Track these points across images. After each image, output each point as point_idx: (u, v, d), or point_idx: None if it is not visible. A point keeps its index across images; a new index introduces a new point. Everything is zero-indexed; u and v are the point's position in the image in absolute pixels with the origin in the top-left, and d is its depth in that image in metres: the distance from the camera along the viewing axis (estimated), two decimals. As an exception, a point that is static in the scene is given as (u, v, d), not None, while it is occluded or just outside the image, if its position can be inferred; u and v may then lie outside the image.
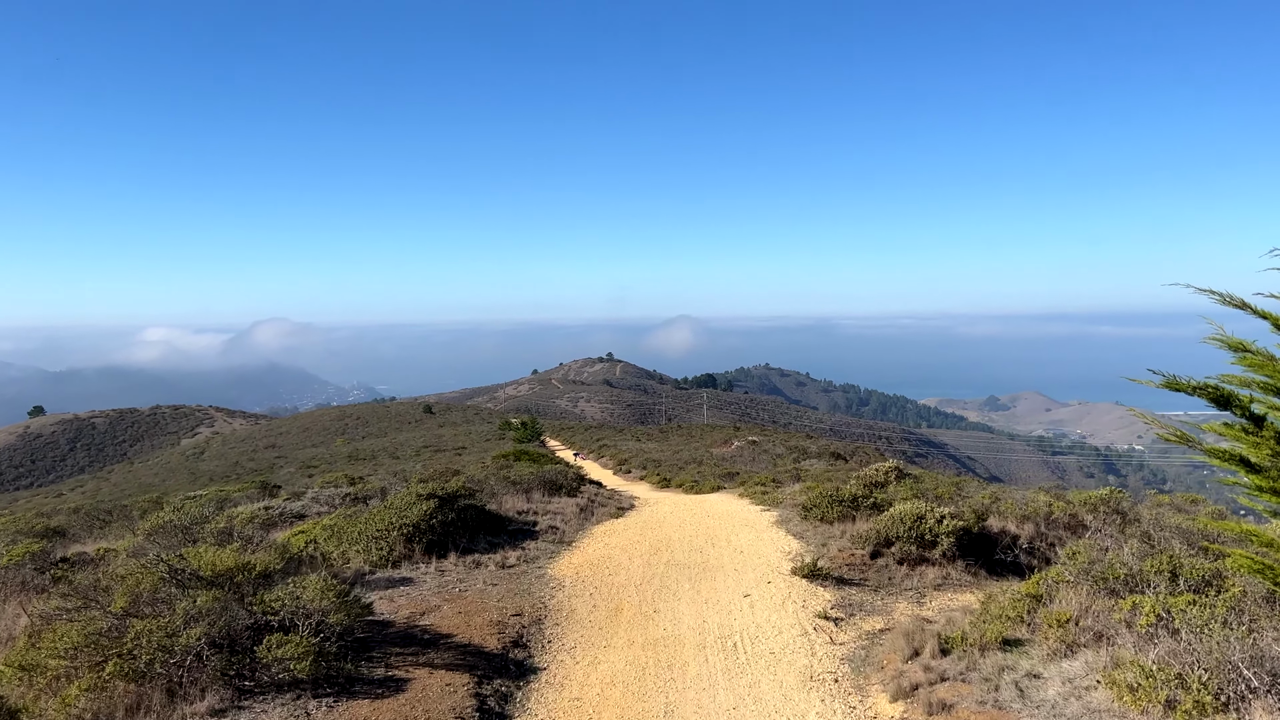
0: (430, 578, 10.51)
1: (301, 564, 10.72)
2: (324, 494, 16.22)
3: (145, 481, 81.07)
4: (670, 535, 13.87)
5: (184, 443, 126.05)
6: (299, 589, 7.49)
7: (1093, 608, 7.87)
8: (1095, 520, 12.22)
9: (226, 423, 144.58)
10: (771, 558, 12.05)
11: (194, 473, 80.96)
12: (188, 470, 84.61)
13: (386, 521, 11.20)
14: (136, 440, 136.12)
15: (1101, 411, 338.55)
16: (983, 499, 14.15)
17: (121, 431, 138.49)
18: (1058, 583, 8.73)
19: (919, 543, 11.53)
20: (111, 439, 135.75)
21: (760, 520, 15.75)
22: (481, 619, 9.00)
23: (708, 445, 64.54)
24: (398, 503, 11.90)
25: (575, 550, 12.59)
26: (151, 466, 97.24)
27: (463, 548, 11.70)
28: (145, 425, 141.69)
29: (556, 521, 14.84)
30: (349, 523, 11.71)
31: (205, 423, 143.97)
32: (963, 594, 11.05)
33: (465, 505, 12.65)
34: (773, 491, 24.37)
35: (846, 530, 12.92)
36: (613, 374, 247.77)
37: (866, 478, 16.15)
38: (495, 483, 17.64)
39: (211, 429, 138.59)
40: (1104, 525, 11.96)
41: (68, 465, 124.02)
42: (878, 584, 11.10)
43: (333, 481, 22.50)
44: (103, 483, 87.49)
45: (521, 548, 12.37)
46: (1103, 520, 12.04)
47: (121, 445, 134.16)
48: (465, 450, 66.57)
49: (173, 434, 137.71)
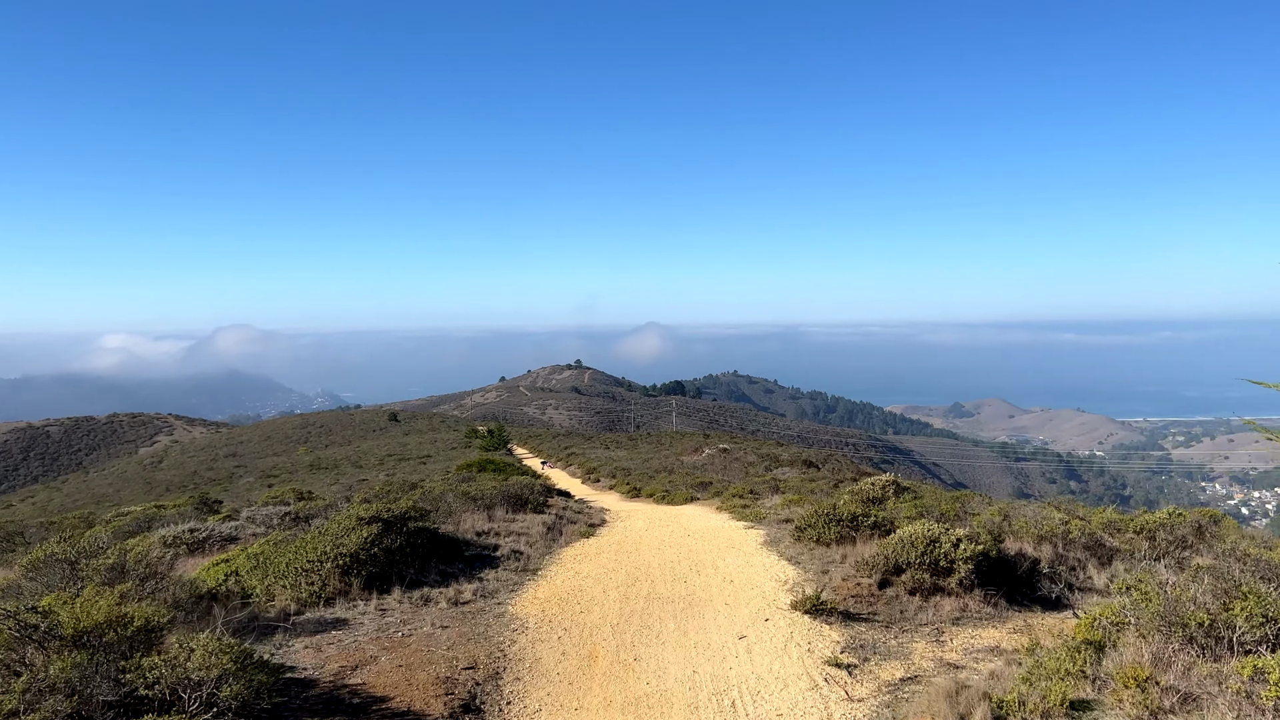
0: (369, 619, 8.88)
1: (215, 603, 9.06)
2: (261, 513, 14.47)
3: (99, 492, 78.24)
4: (649, 560, 12.31)
5: (142, 451, 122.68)
6: (186, 650, 5.85)
7: (1168, 659, 6.51)
8: (1149, 548, 10.88)
9: (186, 431, 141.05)
10: (766, 588, 10.54)
11: (150, 483, 78.32)
12: (144, 480, 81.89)
13: (319, 551, 9.54)
14: (93, 449, 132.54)
15: (1063, 418, 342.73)
16: (992, 516, 12.79)
17: (77, 440, 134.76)
18: (1116, 625, 7.34)
19: (933, 570, 10.12)
20: (67, 448, 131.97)
21: (746, 540, 14.26)
22: (427, 674, 7.40)
23: (678, 453, 63.20)
24: (334, 528, 10.22)
25: (541, 580, 10.99)
26: (107, 476, 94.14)
27: (410, 580, 10.04)
28: (102, 434, 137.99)
29: (520, 544, 13.22)
30: (278, 551, 10.04)
31: (164, 431, 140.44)
32: (985, 629, 9.66)
33: (415, 529, 11.02)
34: (753, 505, 22.93)
35: (847, 554, 11.47)
36: (581, 381, 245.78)
37: (863, 493, 14.73)
38: (453, 499, 15.98)
39: (171, 437, 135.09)
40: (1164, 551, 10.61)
41: (20, 475, 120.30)
42: (889, 619, 9.66)
43: (278, 497, 20.68)
44: (54, 493, 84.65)
45: (479, 578, 10.72)
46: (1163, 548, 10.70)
47: (77, 454, 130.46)
48: (430, 459, 64.67)
49: (131, 443, 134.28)
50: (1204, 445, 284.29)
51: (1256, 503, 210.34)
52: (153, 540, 14.43)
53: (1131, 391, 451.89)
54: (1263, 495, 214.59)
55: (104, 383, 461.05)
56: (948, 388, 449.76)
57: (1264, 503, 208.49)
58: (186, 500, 21.73)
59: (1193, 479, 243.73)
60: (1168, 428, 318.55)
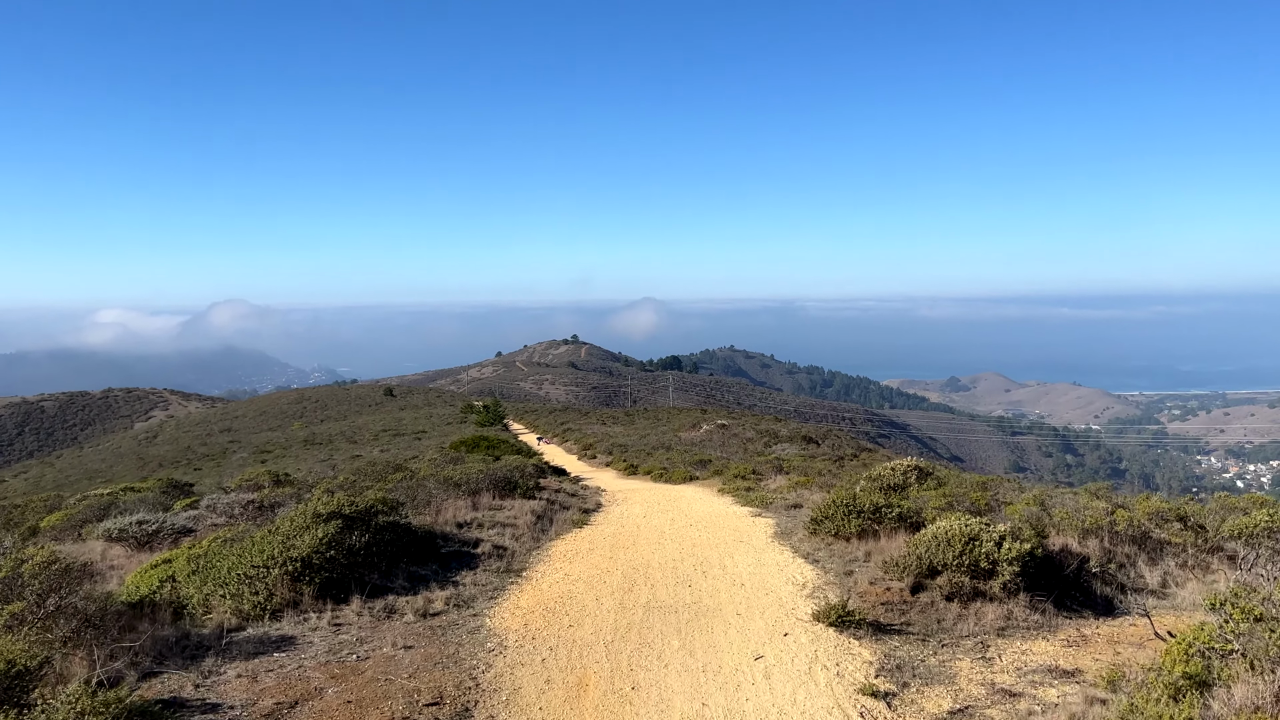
0: (320, 637, 7.57)
1: (141, 618, 7.75)
2: (222, 501, 13.13)
3: (92, 467, 77.18)
4: (648, 557, 11.00)
5: (137, 426, 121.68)
6: (51, 705, 4.53)
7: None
8: (1247, 551, 9.58)
9: (182, 406, 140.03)
10: (782, 593, 9.23)
11: (143, 458, 77.30)
12: (137, 455, 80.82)
13: (266, 554, 8.22)
14: (88, 424, 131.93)
15: (1059, 392, 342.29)
16: (1028, 506, 11.49)
17: (72, 415, 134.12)
18: (1219, 652, 6.06)
19: (973, 572, 8.84)
20: (61, 423, 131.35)
21: (755, 531, 12.96)
22: (381, 712, 6.10)
23: (675, 429, 62.03)
24: (286, 526, 8.88)
25: (526, 584, 9.65)
26: (101, 451, 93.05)
27: (373, 587, 8.70)
28: (97, 409, 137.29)
29: (505, 537, 11.89)
30: (222, 553, 8.72)
31: (159, 406, 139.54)
32: (1035, 641, 8.39)
33: (384, 524, 9.70)
34: (757, 487, 21.69)
35: (871, 551, 10.17)
36: (578, 356, 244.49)
37: (882, 479, 13.41)
38: (434, 485, 14.64)
39: (166, 412, 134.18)
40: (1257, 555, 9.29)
41: (15, 450, 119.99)
42: (925, 630, 8.39)
43: (251, 480, 19.36)
44: (48, 468, 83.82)
45: (454, 582, 9.39)
46: (1266, 553, 9.39)
47: (72, 429, 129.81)
48: (425, 434, 63.52)
49: (126, 418, 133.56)
50: (1200, 419, 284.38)
51: (1251, 475, 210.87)
52: (106, 529, 13.14)
53: (1127, 365, 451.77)
54: (1258, 468, 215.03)
55: (99, 358, 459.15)
56: (944, 362, 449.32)
57: (1259, 476, 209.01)
58: (155, 483, 20.41)
59: (1188, 452, 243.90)
60: (1163, 401, 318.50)
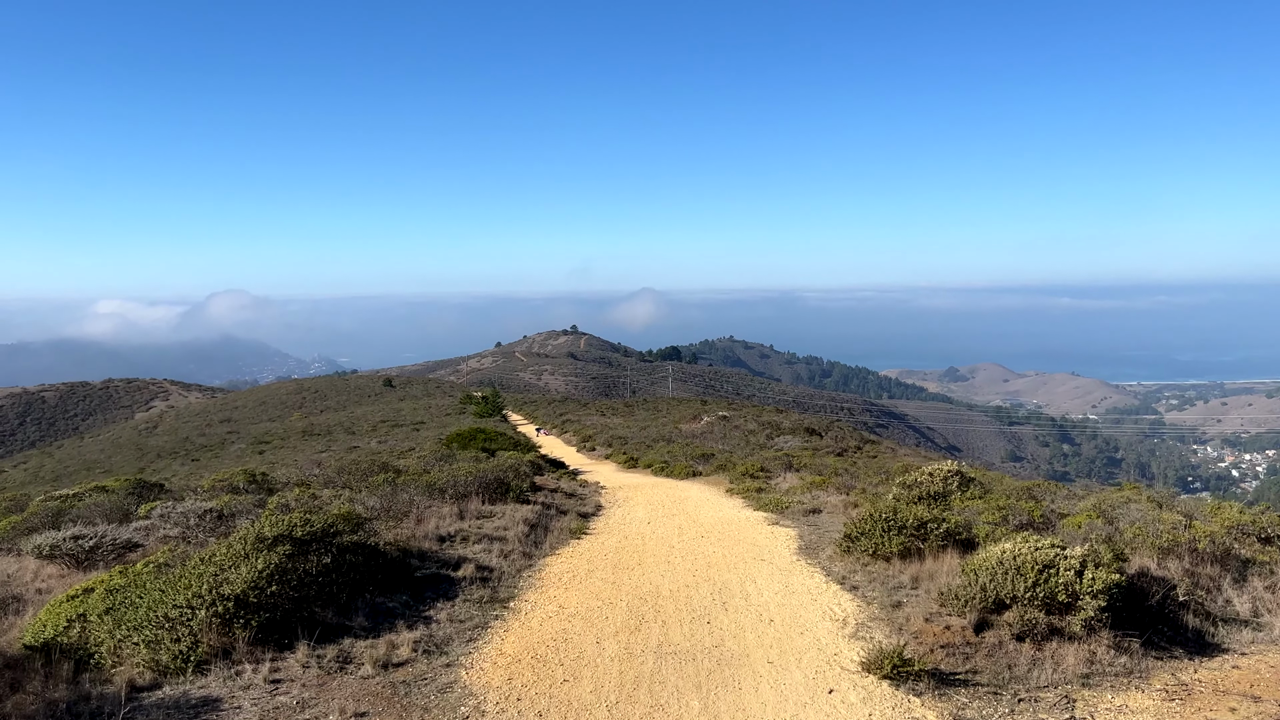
0: (252, 698, 6.04)
1: (32, 672, 6.25)
2: (176, 510, 11.58)
3: (90, 458, 76.15)
4: (656, 582, 9.44)
5: (138, 417, 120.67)
6: None
7: None
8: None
9: (182, 396, 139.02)
10: (820, 631, 7.69)
11: (142, 449, 76.31)
12: (136, 446, 79.76)
13: (193, 590, 6.70)
14: (88, 414, 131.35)
15: (1057, 382, 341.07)
16: (1088, 517, 9.99)
17: (73, 405, 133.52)
18: None
19: (1048, 606, 7.36)
20: (62, 413, 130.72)
21: (775, 545, 11.43)
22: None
23: (675, 421, 60.65)
24: (222, 553, 7.33)
25: (513, 620, 8.05)
26: (100, 442, 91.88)
27: (326, 627, 7.12)
28: (97, 399, 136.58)
29: (492, 554, 10.36)
30: (147, 584, 7.21)
31: (160, 396, 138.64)
32: (1129, 693, 6.91)
33: (348, 544, 8.19)
34: (768, 488, 20.17)
35: (917, 576, 8.66)
36: (577, 347, 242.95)
37: (920, 486, 11.85)
38: (415, 491, 13.11)
39: (166, 403, 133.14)
40: None
41: (17, 440, 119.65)
42: (996, 680, 6.90)
43: (225, 480, 17.83)
44: (47, 458, 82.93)
45: (427, 618, 7.82)
46: None
47: (73, 419, 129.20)
48: (424, 425, 62.20)
49: (126, 408, 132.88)
50: (1197, 409, 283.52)
51: (1247, 465, 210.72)
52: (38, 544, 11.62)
53: (1125, 355, 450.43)
54: (1254, 458, 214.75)
55: (99, 349, 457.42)
56: (942, 352, 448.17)
57: (1255, 465, 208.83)
58: (123, 482, 18.85)
59: (1185, 442, 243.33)
60: (1161, 391, 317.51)
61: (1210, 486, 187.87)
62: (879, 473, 22.07)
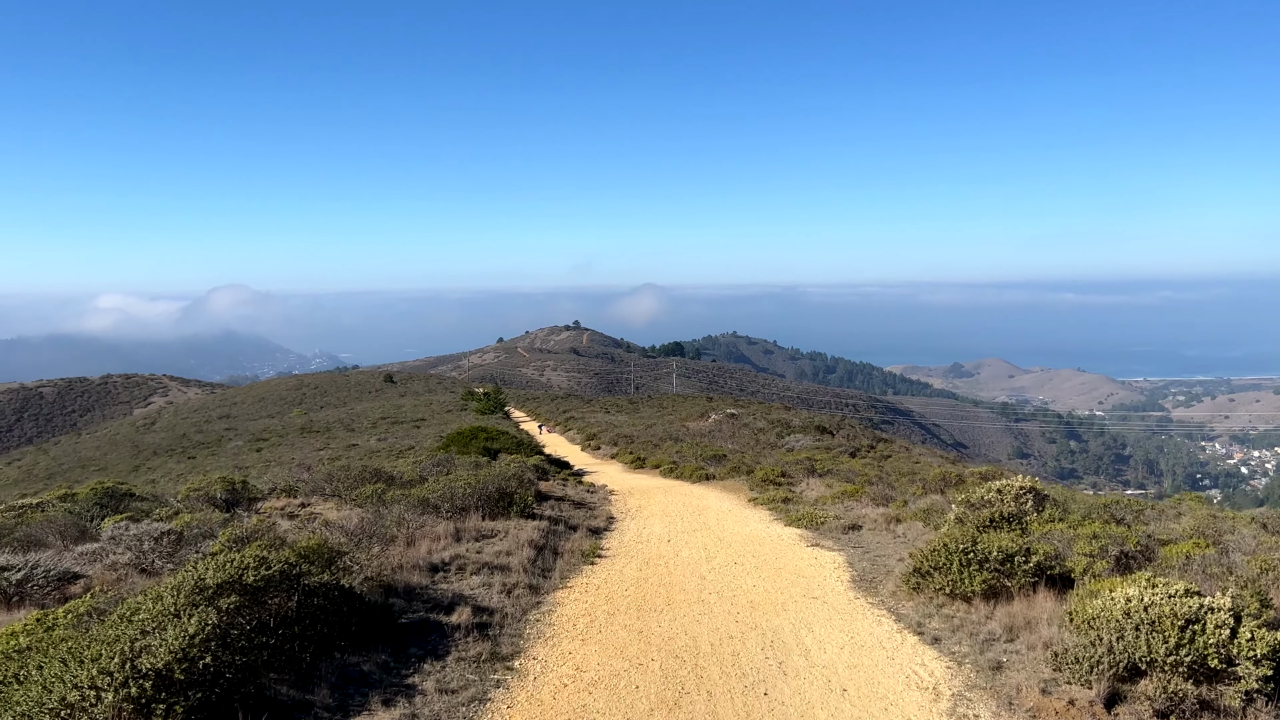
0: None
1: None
2: (129, 533, 10.14)
3: (86, 455, 75.02)
4: (692, 629, 7.86)
5: (136, 413, 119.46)
6: None
7: None
8: None
9: (181, 392, 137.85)
10: (908, 707, 6.08)
11: (139, 445, 75.16)
12: (132, 443, 78.56)
13: (99, 665, 5.20)
14: (87, 410, 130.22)
15: (1063, 378, 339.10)
16: (1196, 546, 8.55)
17: (71, 401, 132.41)
18: None
19: (1195, 673, 5.96)
20: (60, 409, 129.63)
21: (823, 575, 9.98)
22: None
23: (682, 418, 59.27)
24: (147, 610, 5.78)
25: (518, 688, 6.25)
26: (97, 439, 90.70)
27: (277, 707, 5.61)
28: (96, 395, 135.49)
29: (493, 590, 8.90)
30: (56, 644, 5.77)
31: (159, 392, 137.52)
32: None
33: (316, 586, 6.73)
34: (794, 497, 18.74)
35: (1011, 624, 7.22)
36: (580, 342, 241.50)
37: (989, 506, 10.32)
38: (405, 507, 11.66)
39: (165, 398, 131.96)
40: None
41: (14, 436, 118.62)
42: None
43: (202, 489, 16.42)
44: (42, 455, 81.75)
45: (409, 688, 6.21)
46: None
47: (71, 415, 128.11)
48: (425, 422, 60.95)
49: (125, 404, 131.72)
50: (1204, 405, 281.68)
51: (1256, 462, 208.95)
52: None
53: (1131, 351, 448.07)
54: (1262, 455, 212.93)
55: (99, 344, 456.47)
56: (947, 348, 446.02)
57: (1264, 462, 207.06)
58: (89, 491, 17.44)
59: (1192, 439, 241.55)
60: (1168, 388, 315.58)
61: (1219, 484, 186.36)
62: (910, 478, 20.60)
